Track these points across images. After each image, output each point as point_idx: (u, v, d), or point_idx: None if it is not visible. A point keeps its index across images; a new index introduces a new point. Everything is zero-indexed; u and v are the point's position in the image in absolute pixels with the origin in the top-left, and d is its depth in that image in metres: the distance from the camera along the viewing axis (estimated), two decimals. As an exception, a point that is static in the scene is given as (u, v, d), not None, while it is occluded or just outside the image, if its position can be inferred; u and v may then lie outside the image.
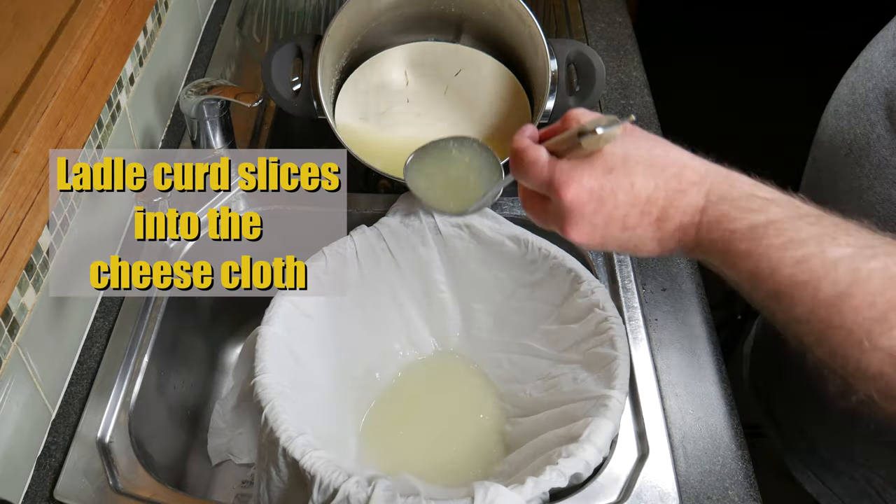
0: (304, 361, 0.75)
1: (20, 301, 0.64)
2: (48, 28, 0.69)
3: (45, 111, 0.64)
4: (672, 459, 0.68)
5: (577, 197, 0.50)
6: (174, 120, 0.99)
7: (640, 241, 0.51)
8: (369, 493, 0.59)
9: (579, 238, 0.52)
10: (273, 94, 0.84)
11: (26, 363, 0.65)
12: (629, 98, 1.04)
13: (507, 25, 0.87)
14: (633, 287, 0.81)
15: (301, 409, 0.69)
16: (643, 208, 0.49)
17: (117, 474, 0.67)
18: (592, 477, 0.65)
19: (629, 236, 0.51)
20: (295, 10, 1.20)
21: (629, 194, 0.49)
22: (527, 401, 0.80)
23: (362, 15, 0.87)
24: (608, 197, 0.49)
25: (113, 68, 0.77)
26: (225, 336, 0.97)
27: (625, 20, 1.19)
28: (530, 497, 0.60)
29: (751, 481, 0.68)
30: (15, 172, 0.59)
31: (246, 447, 0.83)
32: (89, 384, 0.73)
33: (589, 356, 0.73)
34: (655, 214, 0.49)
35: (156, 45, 0.93)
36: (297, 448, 0.62)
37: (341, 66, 0.90)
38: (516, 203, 0.88)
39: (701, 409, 0.72)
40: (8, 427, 0.63)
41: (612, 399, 0.66)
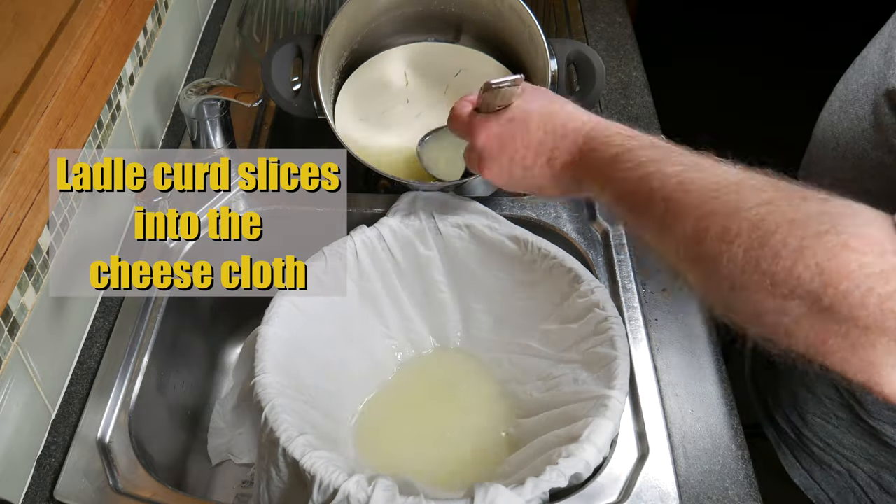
0: (304, 361, 0.75)
1: (20, 301, 0.64)
2: (48, 28, 0.69)
3: (45, 111, 0.64)
4: (672, 459, 0.68)
5: (486, 140, 0.64)
6: (174, 120, 0.99)
7: (538, 180, 0.62)
8: (369, 493, 0.59)
9: (491, 176, 0.65)
10: (273, 94, 0.84)
11: (26, 363, 0.65)
12: (629, 98, 1.04)
13: (507, 25, 0.87)
14: (633, 287, 0.81)
15: (301, 409, 0.69)
16: (536, 149, 0.61)
17: (117, 474, 0.67)
18: (592, 477, 0.65)
19: (530, 175, 0.62)
20: (295, 10, 1.20)
21: (525, 138, 0.62)
22: (527, 401, 0.80)
23: (362, 15, 0.87)
24: (508, 141, 0.63)
25: (113, 68, 0.77)
26: (225, 336, 0.97)
27: (625, 20, 1.19)
28: (530, 497, 0.60)
29: (751, 481, 0.68)
30: (15, 172, 0.59)
31: (246, 447, 0.83)
32: (89, 384, 0.73)
33: (589, 356, 0.73)
34: (546, 155, 0.61)
35: (156, 45, 0.93)
36: (297, 448, 0.62)
37: (341, 66, 0.90)
38: (516, 203, 0.88)
39: (701, 409, 0.72)
40: (8, 427, 0.63)
41: (612, 399, 0.66)
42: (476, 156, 0.66)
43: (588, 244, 0.85)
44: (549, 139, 0.60)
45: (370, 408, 0.83)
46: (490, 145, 0.64)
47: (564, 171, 0.60)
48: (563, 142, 0.60)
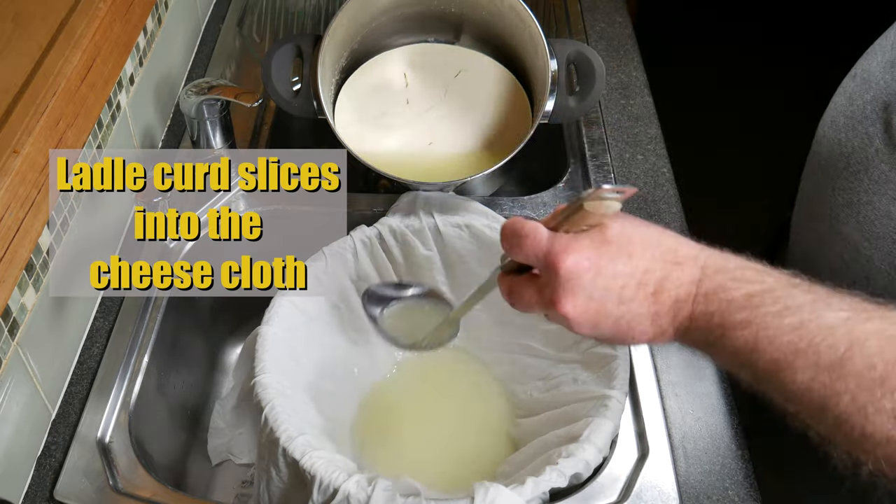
0: (304, 361, 0.75)
1: (20, 301, 0.64)
2: (48, 28, 0.69)
3: (45, 111, 0.64)
4: (672, 459, 0.68)
5: (576, 264, 0.49)
6: (174, 120, 0.99)
7: (634, 317, 0.49)
8: (369, 493, 0.59)
9: (574, 311, 0.50)
10: (273, 94, 0.84)
11: (26, 363, 0.65)
12: (629, 98, 1.04)
13: (507, 25, 0.87)
14: (633, 287, 0.81)
15: (301, 409, 0.69)
16: (640, 279, 0.49)
17: (117, 474, 0.67)
18: (592, 477, 0.65)
19: (624, 311, 0.49)
20: (295, 10, 1.20)
21: (627, 265, 0.49)
22: (527, 401, 0.80)
23: (362, 15, 0.87)
24: (607, 266, 0.49)
25: (113, 68, 0.77)
26: (225, 336, 0.97)
27: (625, 20, 1.19)
28: (530, 497, 0.60)
29: (751, 481, 0.68)
30: (15, 172, 0.59)
31: (246, 447, 0.83)
32: (89, 384, 0.73)
33: (589, 356, 0.73)
34: (652, 287, 0.49)
35: (156, 45, 0.93)
36: (297, 448, 0.62)
37: (341, 66, 0.90)
38: (516, 203, 0.88)
39: (701, 409, 0.72)
40: (8, 427, 0.63)
41: (612, 399, 0.66)
42: (557, 284, 0.50)
43: (588, 244, 0.85)
44: (658, 267, 0.49)
45: (370, 408, 0.83)
46: (582, 270, 0.49)
47: (672, 309, 0.49)
48: (676, 271, 0.48)
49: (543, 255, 0.50)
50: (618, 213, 0.50)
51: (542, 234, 0.51)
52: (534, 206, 0.88)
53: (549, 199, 0.89)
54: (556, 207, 0.54)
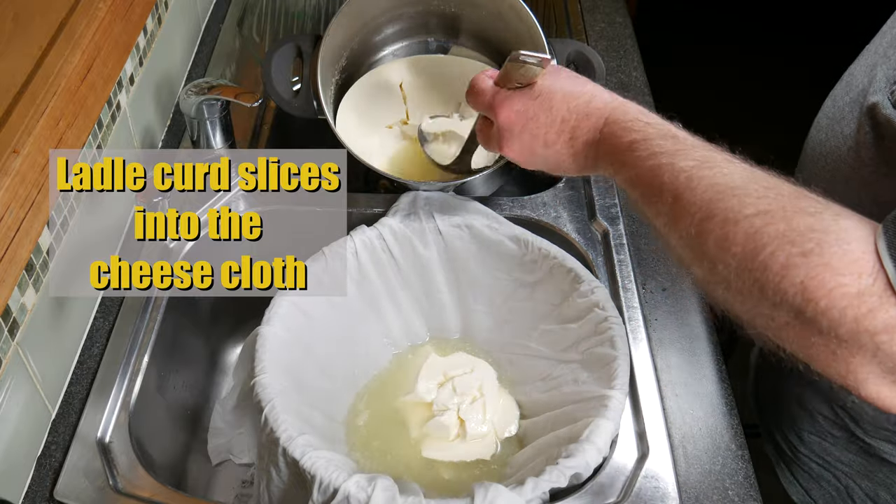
0: (304, 361, 0.75)
1: (20, 301, 0.64)
2: (48, 28, 0.69)
3: (45, 111, 0.64)
4: (672, 459, 0.68)
5: (507, 117, 0.63)
6: (174, 120, 0.99)
7: (558, 157, 0.62)
8: (369, 494, 0.59)
9: (511, 153, 0.65)
10: (273, 94, 0.84)
11: (26, 363, 0.65)
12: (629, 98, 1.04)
13: (507, 25, 0.87)
14: (633, 287, 0.81)
15: (301, 409, 0.69)
16: (559, 127, 0.61)
17: (117, 474, 0.67)
18: (592, 477, 0.65)
19: (550, 153, 0.62)
20: (295, 10, 1.20)
21: (548, 116, 0.61)
22: (528, 401, 0.80)
23: (362, 15, 0.87)
24: (532, 118, 0.62)
25: (113, 68, 0.77)
26: (225, 336, 0.97)
27: (625, 20, 1.19)
28: (530, 497, 0.60)
29: (751, 481, 0.68)
30: (15, 172, 0.59)
31: (246, 447, 0.83)
32: (89, 384, 0.73)
33: (589, 356, 0.73)
34: (568, 133, 0.61)
35: (156, 45, 0.93)
36: (297, 448, 0.62)
37: (341, 66, 0.90)
38: (516, 203, 0.88)
39: (701, 409, 0.72)
40: (8, 427, 0.63)
41: (612, 399, 0.66)
42: (496, 132, 0.65)
43: (588, 244, 0.85)
44: (573, 118, 0.60)
45: (370, 408, 0.83)
46: (513, 122, 0.63)
47: (584, 150, 0.61)
48: (585, 121, 0.60)
49: (486, 108, 0.66)
50: (553, 68, 0.64)
51: (487, 91, 0.65)
52: (534, 206, 0.88)
53: (549, 199, 0.89)
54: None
